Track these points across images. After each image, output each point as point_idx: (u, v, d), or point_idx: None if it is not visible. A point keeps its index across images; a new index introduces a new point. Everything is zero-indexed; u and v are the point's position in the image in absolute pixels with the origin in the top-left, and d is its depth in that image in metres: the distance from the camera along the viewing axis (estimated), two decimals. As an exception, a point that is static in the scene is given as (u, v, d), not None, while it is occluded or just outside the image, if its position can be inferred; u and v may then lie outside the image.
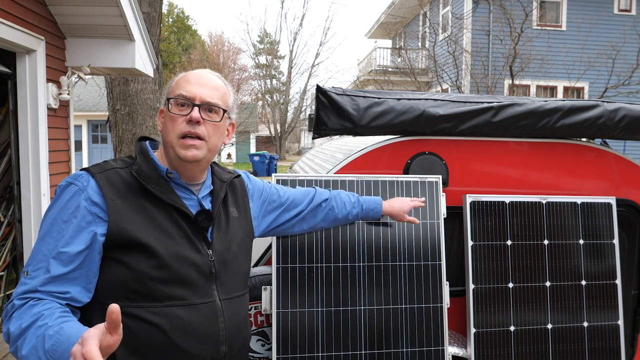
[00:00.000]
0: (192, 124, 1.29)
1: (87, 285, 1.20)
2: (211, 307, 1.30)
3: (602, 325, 2.42)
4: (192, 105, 1.29)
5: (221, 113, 1.34)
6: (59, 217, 1.20)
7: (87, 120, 19.90)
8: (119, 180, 1.27)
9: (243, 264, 1.45)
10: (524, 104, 2.43)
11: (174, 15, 28.02)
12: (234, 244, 1.42)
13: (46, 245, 1.18)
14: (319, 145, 4.62)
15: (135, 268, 1.20)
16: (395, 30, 19.59)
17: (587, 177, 2.57)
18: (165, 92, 1.37)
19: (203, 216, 1.33)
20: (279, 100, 33.04)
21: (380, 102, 2.34)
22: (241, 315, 1.40)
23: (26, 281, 1.15)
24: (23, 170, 3.78)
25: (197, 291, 1.28)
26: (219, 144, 1.36)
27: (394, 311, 2.15)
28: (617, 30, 13.57)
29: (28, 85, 3.69)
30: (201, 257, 1.30)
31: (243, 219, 1.52)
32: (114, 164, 1.31)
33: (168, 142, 1.31)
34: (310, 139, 7.46)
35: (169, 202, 1.28)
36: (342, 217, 1.93)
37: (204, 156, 1.31)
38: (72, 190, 1.22)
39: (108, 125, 6.48)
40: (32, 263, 1.18)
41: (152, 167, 1.31)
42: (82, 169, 1.29)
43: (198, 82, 1.32)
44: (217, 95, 1.34)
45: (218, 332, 1.30)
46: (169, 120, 1.31)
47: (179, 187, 1.34)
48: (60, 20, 4.02)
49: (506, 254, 2.37)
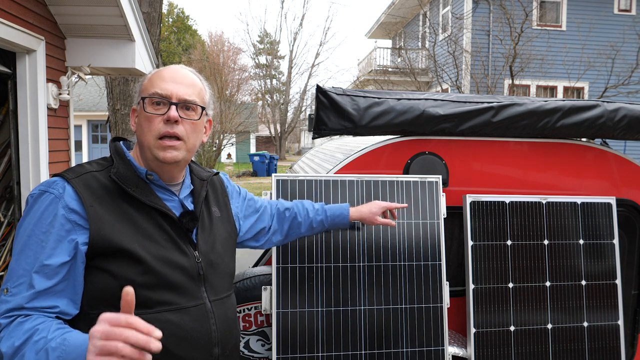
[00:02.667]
0: (170, 123, 1.22)
1: (74, 297, 1.15)
2: (202, 309, 1.26)
3: (602, 325, 2.42)
4: (169, 104, 1.23)
5: (199, 110, 1.28)
6: (36, 228, 1.13)
7: (87, 120, 19.91)
8: (97, 184, 1.20)
9: (229, 264, 1.42)
10: (524, 104, 2.43)
11: (174, 15, 28.04)
12: (219, 243, 1.38)
13: (25, 259, 1.10)
14: (319, 145, 4.62)
15: (121, 276, 1.15)
16: (395, 30, 19.58)
17: (587, 177, 2.57)
18: (138, 90, 1.30)
19: (187, 217, 1.29)
20: (279, 100, 33.04)
21: (380, 102, 2.34)
22: (230, 315, 1.37)
23: (7, 299, 1.08)
24: (23, 170, 3.78)
25: (187, 294, 1.24)
26: (197, 143, 1.31)
27: (394, 311, 2.15)
28: (616, 30, 13.58)
29: (28, 85, 3.69)
30: (188, 260, 1.26)
31: (225, 219, 1.48)
32: (89, 168, 1.24)
33: (145, 143, 1.24)
34: (310, 139, 7.46)
35: (151, 205, 1.23)
36: (306, 225, 1.84)
37: (183, 157, 1.26)
38: (47, 198, 1.15)
39: (108, 125, 6.48)
40: (11, 279, 1.10)
41: (131, 169, 1.26)
42: (56, 175, 1.21)
43: (173, 79, 1.26)
44: (194, 92, 1.27)
45: (210, 334, 1.27)
46: (144, 120, 1.24)
47: (160, 188, 1.29)
48: (60, 20, 4.02)
49: (506, 254, 2.37)
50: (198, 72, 1.38)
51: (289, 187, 2.17)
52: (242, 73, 26.71)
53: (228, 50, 26.89)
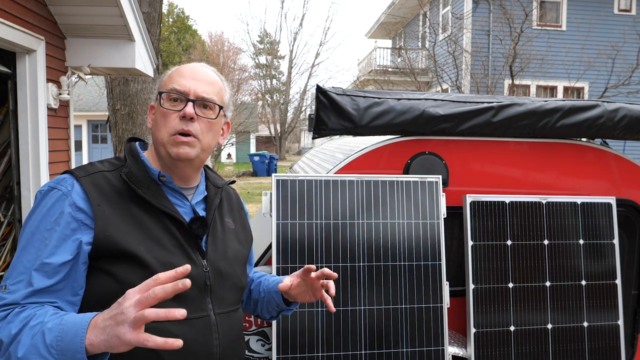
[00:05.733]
0: (185, 120, 1.19)
1: (72, 297, 1.11)
2: (205, 322, 1.20)
3: (602, 325, 2.42)
4: (186, 101, 1.19)
5: (217, 110, 1.24)
6: (41, 225, 1.11)
7: (87, 120, 19.92)
8: (106, 184, 1.17)
9: (240, 278, 1.35)
10: (524, 104, 2.43)
11: (174, 15, 28.04)
12: (230, 254, 1.32)
13: (27, 256, 1.08)
14: (319, 145, 4.62)
15: (124, 280, 1.10)
16: (395, 30, 19.59)
17: (587, 177, 2.57)
18: (157, 87, 1.27)
19: (198, 224, 1.23)
20: (279, 100, 33.04)
21: (380, 102, 2.34)
22: (236, 330, 1.30)
23: (4, 295, 1.06)
24: (23, 170, 3.78)
25: (191, 305, 1.17)
26: (213, 144, 1.27)
27: (394, 311, 2.15)
28: (617, 30, 13.58)
29: (28, 85, 3.69)
30: (195, 268, 1.20)
31: (241, 231, 1.42)
32: (100, 167, 1.21)
33: (159, 140, 1.21)
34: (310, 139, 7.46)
35: (160, 208, 1.19)
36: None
37: (196, 155, 1.22)
38: (54, 195, 1.13)
39: (108, 125, 6.48)
40: (11, 275, 1.08)
41: (143, 170, 1.22)
42: (65, 172, 1.18)
43: (192, 76, 1.23)
44: (212, 90, 1.24)
45: (212, 349, 1.20)
46: (160, 116, 1.21)
47: (172, 191, 1.25)
48: (60, 20, 4.02)
49: (506, 254, 2.37)
50: None
51: (289, 187, 2.17)
52: (242, 73, 26.73)
53: (228, 50, 26.91)
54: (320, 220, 2.17)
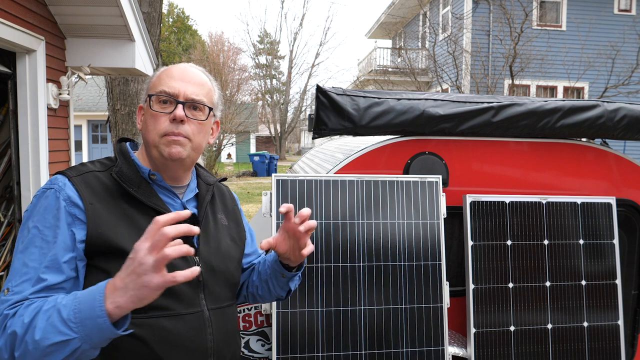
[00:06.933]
0: (176, 123, 1.19)
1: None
2: (199, 317, 1.21)
3: (602, 325, 2.42)
4: (176, 103, 1.20)
5: (207, 111, 1.25)
6: (40, 224, 1.11)
7: (87, 120, 19.92)
8: (98, 183, 1.18)
9: (233, 273, 1.36)
10: (524, 104, 2.43)
11: (174, 15, 28.05)
12: (222, 251, 1.33)
13: (29, 257, 1.08)
14: (319, 145, 4.62)
15: None
16: (395, 30, 19.59)
17: (587, 177, 2.57)
18: (146, 88, 1.27)
19: (189, 221, 1.22)
20: (279, 100, 33.05)
21: (380, 102, 2.34)
22: (230, 326, 1.31)
23: (9, 297, 1.05)
24: (23, 170, 3.78)
25: (184, 301, 1.19)
26: (203, 144, 1.28)
27: (394, 311, 2.15)
28: (617, 30, 13.58)
29: (28, 85, 3.69)
30: (187, 265, 1.19)
31: (234, 228, 1.42)
32: (91, 167, 1.22)
33: (150, 142, 1.22)
34: (310, 139, 7.46)
35: (151, 206, 1.20)
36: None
37: (187, 155, 1.22)
38: (50, 194, 1.14)
39: (108, 125, 6.48)
40: (13, 278, 1.07)
41: (134, 169, 1.23)
42: (57, 173, 1.19)
43: (182, 77, 1.23)
44: (202, 91, 1.24)
45: (206, 344, 1.21)
46: (150, 118, 1.21)
47: (163, 189, 1.26)
48: (60, 20, 4.02)
49: (506, 254, 2.37)
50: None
51: (289, 187, 2.17)
52: (242, 73, 26.72)
53: (228, 50, 26.91)
54: (320, 220, 2.17)
